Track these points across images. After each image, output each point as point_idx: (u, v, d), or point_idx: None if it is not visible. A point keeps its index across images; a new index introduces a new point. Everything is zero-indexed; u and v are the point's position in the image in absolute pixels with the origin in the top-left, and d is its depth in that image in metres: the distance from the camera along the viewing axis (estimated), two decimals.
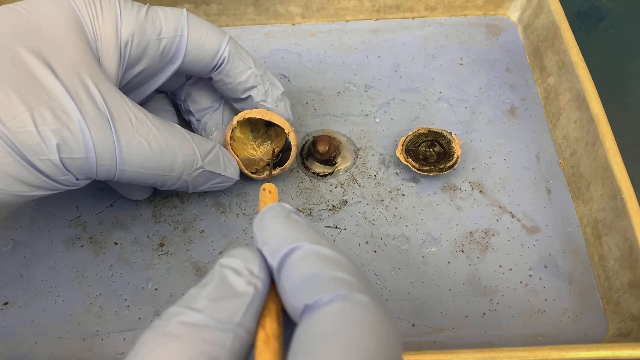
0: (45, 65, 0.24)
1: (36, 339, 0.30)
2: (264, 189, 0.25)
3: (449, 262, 0.32)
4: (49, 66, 0.24)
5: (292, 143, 0.33)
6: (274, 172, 0.34)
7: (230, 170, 0.32)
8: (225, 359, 0.16)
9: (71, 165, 0.24)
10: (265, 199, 0.24)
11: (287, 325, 0.18)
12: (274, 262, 0.18)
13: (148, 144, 0.26)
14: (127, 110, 0.26)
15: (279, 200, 0.34)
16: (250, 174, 0.34)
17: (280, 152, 0.35)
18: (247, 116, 0.32)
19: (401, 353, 0.16)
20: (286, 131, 0.32)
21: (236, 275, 0.18)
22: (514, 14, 0.44)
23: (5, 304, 0.31)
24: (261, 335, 0.17)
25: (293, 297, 0.17)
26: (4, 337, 0.30)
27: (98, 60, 0.26)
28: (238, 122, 0.32)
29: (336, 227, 0.34)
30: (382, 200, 0.35)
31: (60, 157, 0.24)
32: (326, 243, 0.18)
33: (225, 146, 0.33)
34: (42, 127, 0.23)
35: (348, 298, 0.16)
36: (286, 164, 0.34)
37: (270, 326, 0.17)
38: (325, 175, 0.36)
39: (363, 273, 0.18)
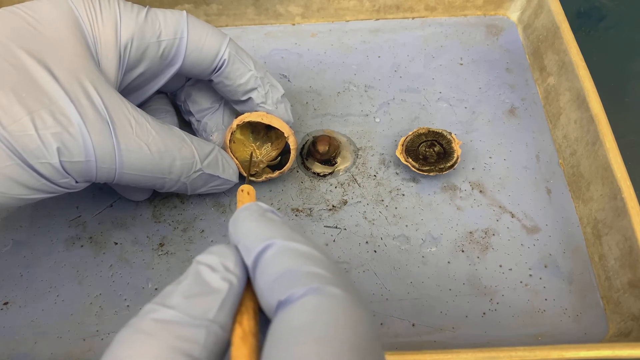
0: (45, 69, 0.24)
1: (36, 339, 0.30)
2: (242, 190, 0.25)
3: (449, 262, 0.32)
4: (49, 70, 0.24)
5: (291, 147, 0.33)
6: (272, 175, 0.34)
7: (229, 172, 0.32)
8: (199, 354, 0.16)
9: (71, 169, 0.24)
10: (244, 200, 0.24)
11: (264, 323, 0.18)
12: (249, 261, 0.19)
13: (147, 147, 0.26)
14: (127, 113, 0.26)
15: (272, 206, 0.35)
16: (249, 176, 0.34)
17: (278, 155, 0.35)
18: (247, 120, 0.32)
19: (377, 343, 0.16)
20: (285, 135, 0.32)
21: (211, 272, 0.18)
22: (514, 14, 0.44)
23: (5, 304, 0.31)
24: (238, 332, 0.17)
25: (268, 294, 0.17)
26: (4, 337, 0.30)
27: (98, 64, 0.26)
28: (238, 125, 0.32)
29: (336, 227, 0.34)
30: (382, 200, 0.35)
31: (60, 161, 0.24)
32: (300, 239, 0.18)
33: (224, 149, 0.33)
34: (42, 130, 0.23)
35: (321, 291, 0.16)
36: (285, 168, 0.34)
37: (247, 323, 0.17)
38: (325, 175, 0.36)
39: (338, 266, 0.18)
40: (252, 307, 0.18)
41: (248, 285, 0.19)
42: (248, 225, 0.20)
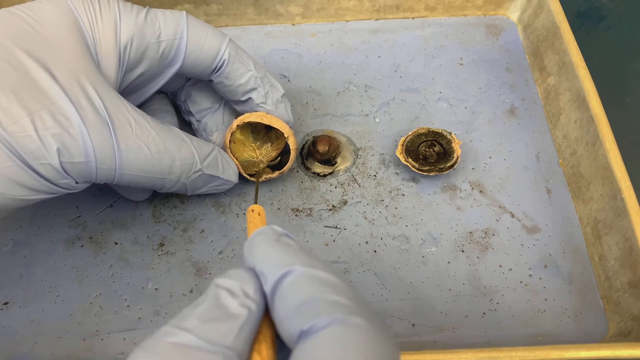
0: (45, 69, 0.24)
1: (36, 339, 0.30)
2: (252, 211, 0.24)
3: (449, 262, 0.32)
4: (48, 71, 0.24)
5: (291, 147, 0.33)
6: (272, 176, 0.34)
7: (229, 173, 0.32)
8: None
9: (71, 170, 0.24)
10: (255, 221, 0.24)
11: (280, 349, 0.18)
12: (267, 288, 0.18)
13: (147, 148, 0.26)
14: (127, 114, 0.26)
15: (272, 205, 0.35)
16: (248, 177, 0.34)
17: (278, 155, 0.35)
18: (247, 120, 0.32)
19: None
20: (285, 135, 0.32)
21: (230, 297, 0.18)
22: (514, 14, 0.44)
23: (5, 304, 0.31)
24: None
25: (288, 322, 0.17)
26: (4, 337, 0.30)
27: (97, 64, 0.26)
28: (238, 126, 0.32)
29: (336, 227, 0.34)
30: (382, 200, 0.35)
31: (60, 162, 0.24)
32: (320, 265, 0.18)
33: (224, 149, 0.33)
34: (42, 131, 0.23)
35: (344, 322, 0.16)
36: (285, 168, 0.34)
37: (266, 352, 0.17)
38: (325, 175, 0.36)
39: (360, 294, 0.18)
40: (270, 335, 0.18)
41: (266, 312, 0.18)
42: (264, 251, 0.19)
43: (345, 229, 0.34)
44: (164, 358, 0.16)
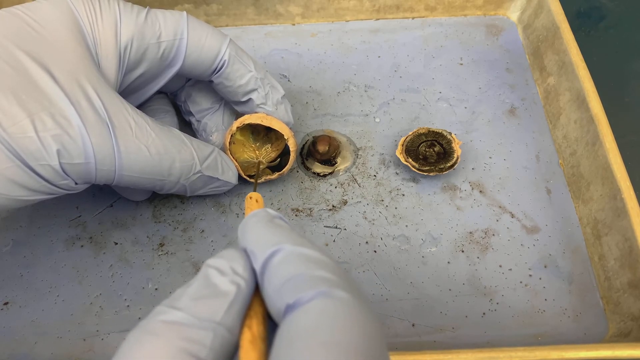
0: (45, 70, 0.24)
1: (36, 339, 0.30)
2: (250, 197, 0.25)
3: (449, 262, 0.32)
4: (48, 72, 0.24)
5: (290, 149, 0.33)
6: (271, 177, 0.34)
7: (229, 174, 0.32)
8: (206, 356, 0.16)
9: (71, 171, 0.24)
10: (252, 207, 0.24)
11: (272, 329, 0.18)
12: (257, 266, 0.19)
13: (147, 149, 0.26)
14: (127, 115, 0.26)
15: (272, 206, 0.35)
16: (248, 178, 0.34)
17: (277, 156, 0.35)
18: (247, 122, 0.32)
19: (384, 348, 0.16)
20: (285, 137, 0.32)
21: (220, 275, 0.18)
22: (514, 14, 0.44)
23: (5, 304, 0.31)
24: (247, 336, 0.17)
25: (275, 298, 0.17)
26: (4, 337, 0.30)
27: (98, 65, 0.26)
28: (237, 128, 0.32)
29: (336, 227, 0.34)
30: (382, 200, 0.35)
31: (60, 163, 0.24)
32: (308, 244, 0.19)
33: (224, 151, 0.33)
34: (42, 133, 0.23)
35: (328, 295, 0.16)
36: (284, 169, 0.34)
37: (256, 328, 0.18)
38: (325, 175, 0.36)
39: (345, 272, 0.18)
40: (261, 312, 0.18)
41: (257, 290, 0.19)
42: (256, 231, 0.20)
43: (345, 229, 0.34)
44: (156, 335, 0.16)
